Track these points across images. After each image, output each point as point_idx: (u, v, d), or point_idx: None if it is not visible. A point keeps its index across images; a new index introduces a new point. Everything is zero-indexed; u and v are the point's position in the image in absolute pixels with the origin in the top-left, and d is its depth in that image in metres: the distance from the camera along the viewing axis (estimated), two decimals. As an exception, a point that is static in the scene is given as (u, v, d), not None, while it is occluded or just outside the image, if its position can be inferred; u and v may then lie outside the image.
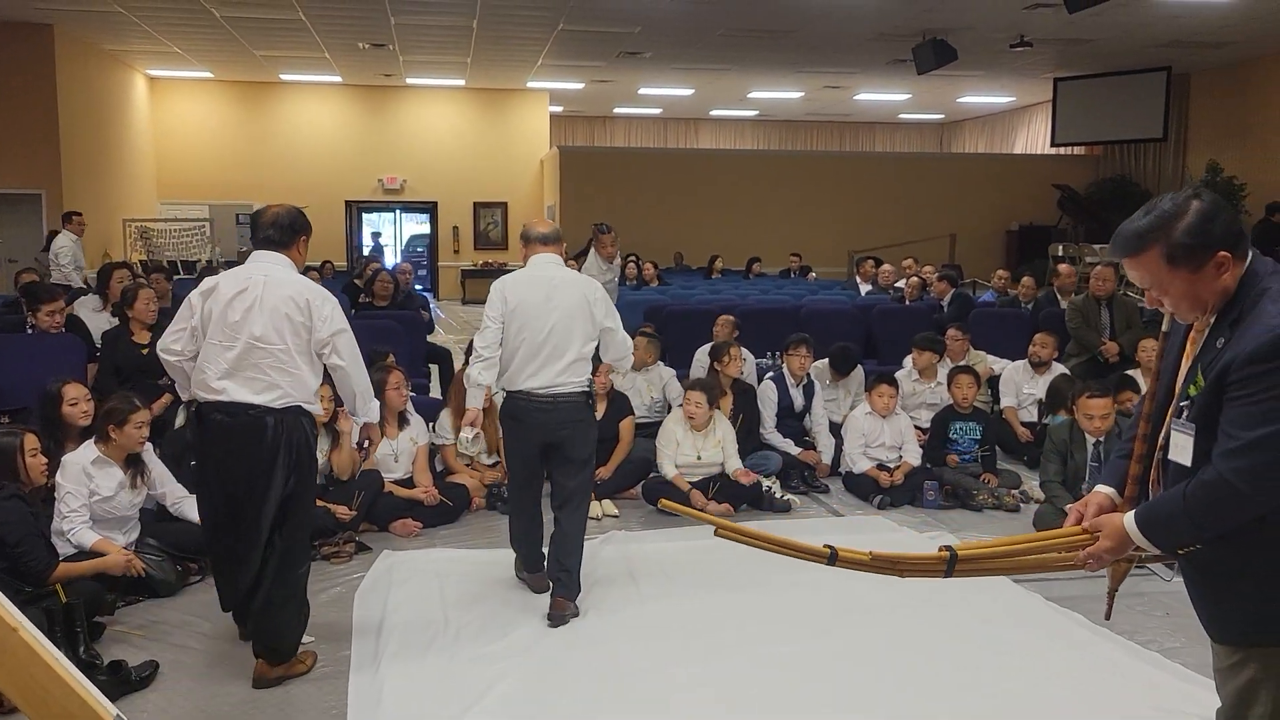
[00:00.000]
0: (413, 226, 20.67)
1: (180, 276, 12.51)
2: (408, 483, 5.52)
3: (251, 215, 3.78)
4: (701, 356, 6.87)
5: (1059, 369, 7.11)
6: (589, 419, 4.36)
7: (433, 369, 8.60)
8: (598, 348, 4.41)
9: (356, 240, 19.51)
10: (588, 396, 4.33)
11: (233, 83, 18.11)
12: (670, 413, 6.17)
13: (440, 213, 19.38)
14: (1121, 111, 16.05)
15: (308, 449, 3.58)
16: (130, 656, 3.65)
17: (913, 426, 6.39)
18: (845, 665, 3.74)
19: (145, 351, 5.88)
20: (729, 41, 13.75)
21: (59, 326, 6.21)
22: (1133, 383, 6.29)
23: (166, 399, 5.69)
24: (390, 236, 20.55)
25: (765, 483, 5.91)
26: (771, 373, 6.75)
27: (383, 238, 20.28)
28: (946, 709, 3.44)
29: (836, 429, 6.58)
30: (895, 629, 4.02)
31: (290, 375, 3.50)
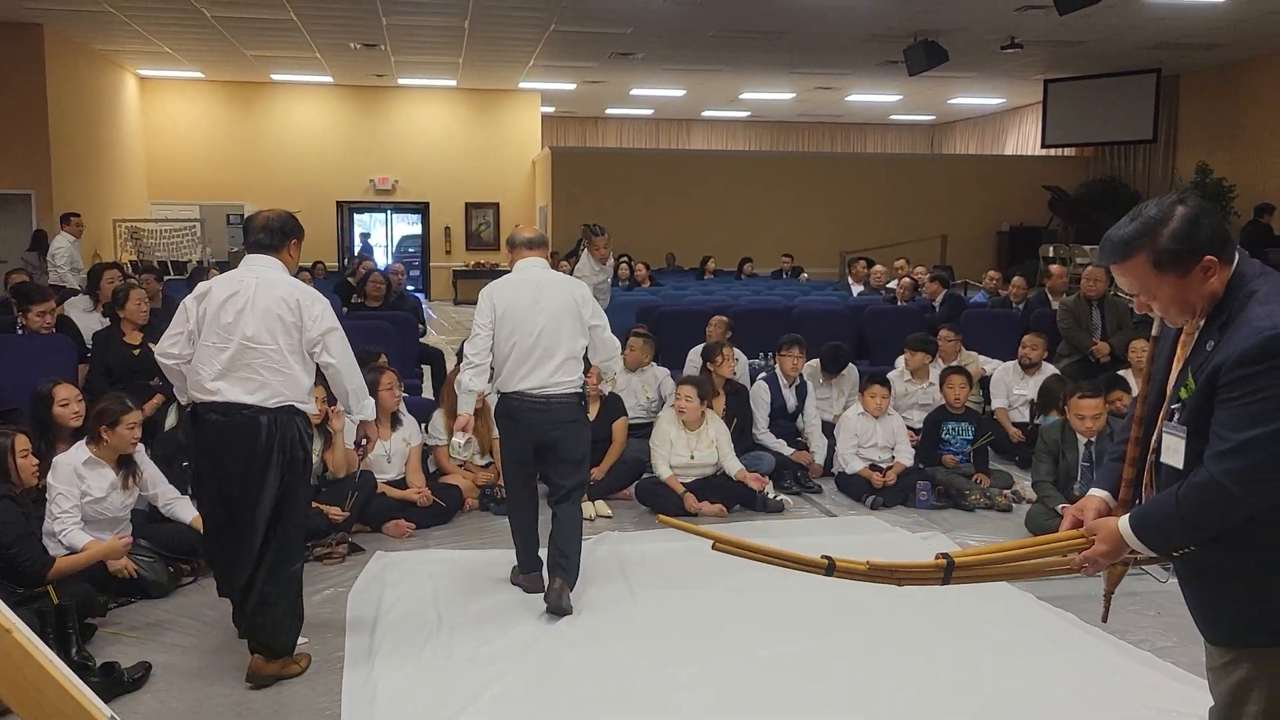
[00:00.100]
0: (404, 227, 20.65)
1: (171, 277, 12.46)
2: (401, 483, 5.52)
3: (244, 220, 3.83)
4: (694, 357, 6.87)
5: (1049, 369, 7.13)
6: (583, 419, 4.46)
7: (425, 370, 8.59)
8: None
9: (348, 241, 19.47)
10: (581, 397, 4.42)
11: (224, 83, 18.07)
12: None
13: (432, 213, 19.36)
14: (1112, 113, 16.12)
15: (301, 448, 3.62)
16: (123, 658, 3.64)
17: (905, 427, 6.40)
18: (845, 665, 3.75)
19: (136, 352, 5.88)
20: (721, 42, 13.77)
21: (50, 327, 6.19)
22: (1123, 383, 6.31)
23: (158, 400, 5.68)
24: (382, 237, 20.52)
25: (760, 476, 5.90)
26: (764, 373, 6.75)
27: (374, 238, 20.25)
28: (945, 709, 3.45)
29: (829, 429, 6.59)
30: (894, 629, 4.03)
31: (283, 375, 3.56)
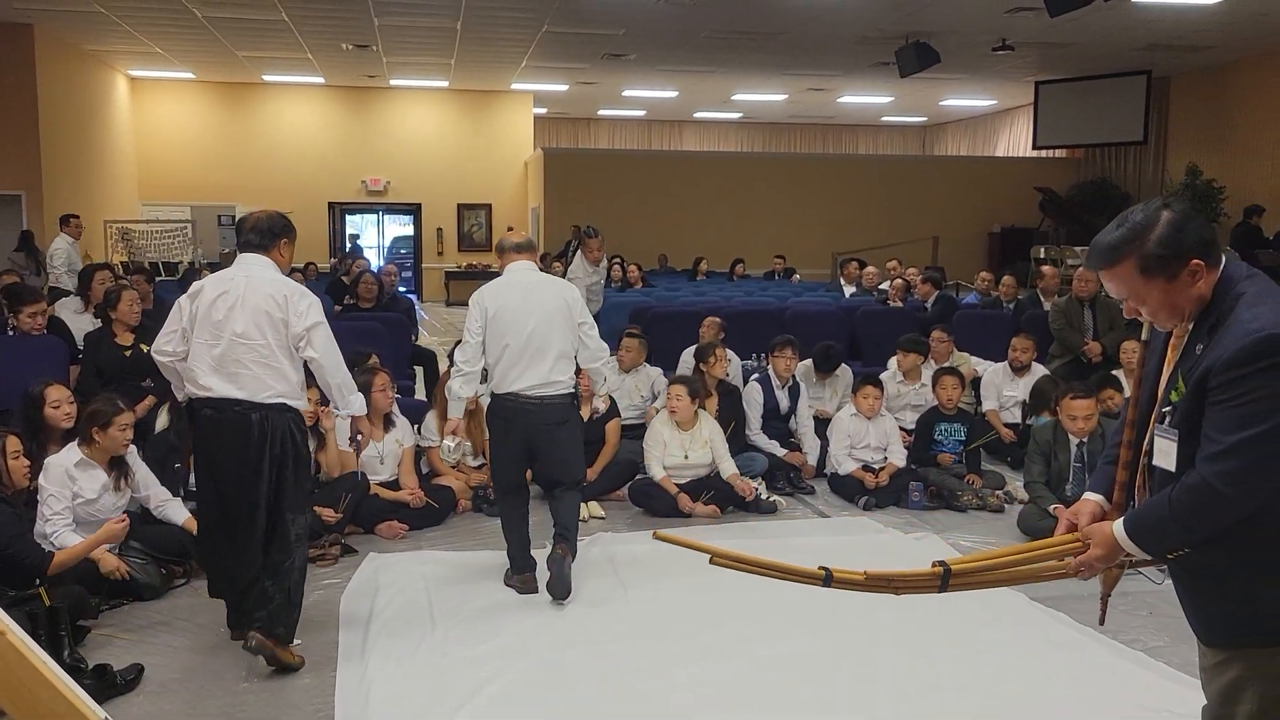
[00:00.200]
0: (396, 228, 20.61)
1: (162, 278, 12.43)
2: (393, 485, 5.51)
3: (237, 221, 3.89)
4: (687, 358, 6.87)
5: (1040, 370, 7.16)
6: (575, 418, 4.53)
7: (418, 371, 8.58)
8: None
9: (340, 242, 19.43)
10: (573, 397, 4.48)
11: (215, 83, 18.00)
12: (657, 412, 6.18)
13: (424, 214, 19.32)
14: (1102, 115, 16.17)
15: (293, 443, 3.67)
16: (115, 660, 3.63)
17: (898, 428, 6.42)
18: (844, 665, 3.76)
19: (128, 353, 5.87)
20: (713, 43, 13.77)
21: (41, 328, 6.17)
22: (1115, 382, 6.33)
23: (150, 401, 5.66)
24: (374, 238, 20.48)
25: (751, 484, 5.91)
26: (757, 374, 6.75)
27: (364, 240, 20.19)
28: (944, 708, 3.46)
29: (822, 429, 6.59)
30: (893, 629, 4.04)
31: (273, 370, 3.64)
